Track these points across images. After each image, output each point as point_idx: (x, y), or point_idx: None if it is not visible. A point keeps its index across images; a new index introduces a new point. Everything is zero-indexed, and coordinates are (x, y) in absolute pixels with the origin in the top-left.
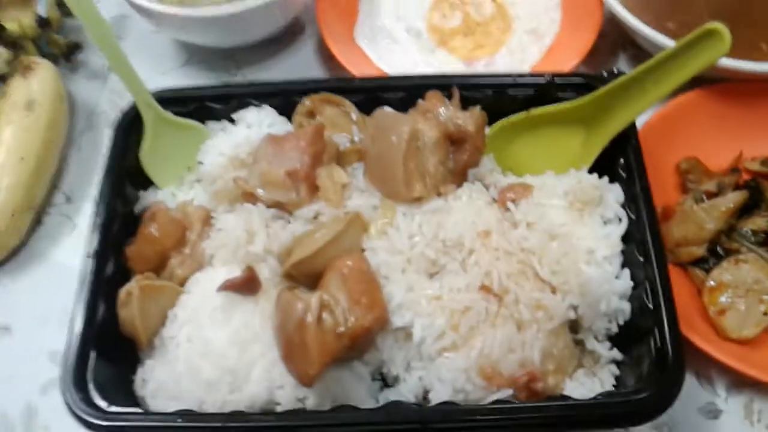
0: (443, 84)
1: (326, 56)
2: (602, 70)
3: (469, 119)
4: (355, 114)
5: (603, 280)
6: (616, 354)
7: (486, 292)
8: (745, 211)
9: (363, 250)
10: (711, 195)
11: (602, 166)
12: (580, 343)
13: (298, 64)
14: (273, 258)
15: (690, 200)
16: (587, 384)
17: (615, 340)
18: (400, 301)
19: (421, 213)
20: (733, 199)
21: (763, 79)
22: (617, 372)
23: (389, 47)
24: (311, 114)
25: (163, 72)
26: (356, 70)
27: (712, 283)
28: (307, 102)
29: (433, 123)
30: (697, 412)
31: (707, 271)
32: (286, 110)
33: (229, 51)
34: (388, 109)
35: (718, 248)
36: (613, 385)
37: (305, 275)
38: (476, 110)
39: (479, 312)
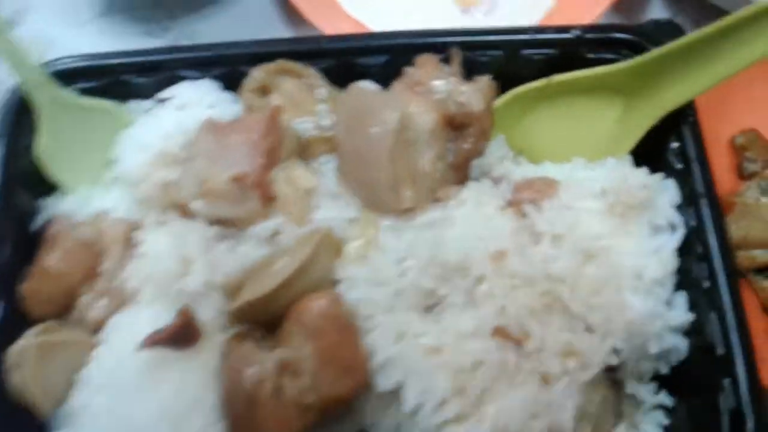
0: (439, 43)
1: (286, 4)
2: (650, 20)
3: (475, 94)
4: (322, 88)
5: (655, 313)
6: (665, 399)
7: (502, 337)
8: None
9: (336, 283)
10: None
11: (644, 152)
12: (617, 383)
13: (251, 13)
14: (217, 292)
15: (754, 189)
16: None
17: (663, 380)
18: (386, 356)
19: (413, 228)
20: None
21: None
22: (665, 421)
23: None
24: (264, 90)
25: (78, 24)
26: (324, 22)
27: None
28: (257, 74)
29: (428, 102)
30: None
31: None
32: (232, 83)
33: None
34: (366, 84)
35: None
36: None
37: (261, 317)
38: (484, 80)
39: (493, 367)
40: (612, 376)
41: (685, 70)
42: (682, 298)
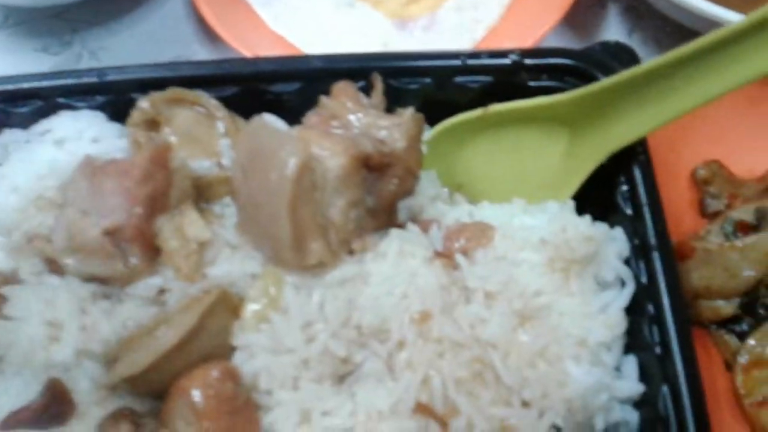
0: (359, 69)
1: (199, 16)
2: (597, 43)
3: (396, 130)
4: (224, 120)
5: (600, 385)
6: None
7: (424, 415)
8: None
9: (232, 351)
10: (746, 227)
11: (593, 193)
12: None
13: (165, 30)
14: (93, 361)
15: (717, 234)
16: None
17: None
18: None
19: (323, 286)
20: None
21: None
22: None
23: (291, 2)
24: (154, 123)
25: None
26: (239, 38)
27: (747, 357)
28: (144, 105)
29: (339, 142)
30: None
31: (740, 336)
32: (119, 114)
33: (58, 8)
34: (270, 118)
35: (758, 305)
36: None
37: (144, 390)
38: (408, 114)
39: None
40: None
41: (637, 103)
42: (632, 365)
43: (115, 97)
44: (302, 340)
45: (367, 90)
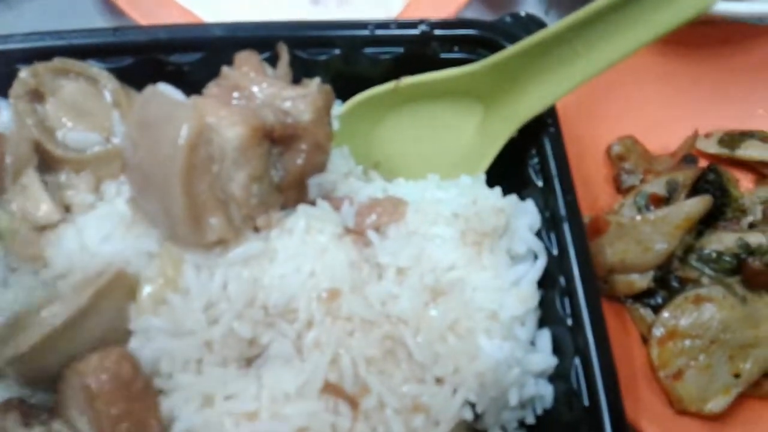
0: (264, 38)
1: None
2: (507, 14)
3: (302, 101)
4: (114, 92)
5: (512, 359)
6: None
7: (333, 396)
8: (705, 222)
9: (129, 335)
10: (659, 200)
11: (507, 165)
12: None
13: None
14: None
15: (630, 207)
16: None
17: (532, 428)
18: (188, 425)
19: (225, 264)
20: (691, 209)
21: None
22: None
23: None
24: (38, 96)
25: None
26: (144, 11)
27: (662, 330)
28: (25, 76)
29: (237, 112)
30: None
31: (654, 309)
32: (6, 86)
33: None
34: (165, 87)
35: (671, 277)
36: None
37: (36, 376)
38: (314, 85)
39: None
40: (474, 426)
41: (544, 71)
42: (546, 338)
43: None
44: (204, 322)
45: (273, 61)
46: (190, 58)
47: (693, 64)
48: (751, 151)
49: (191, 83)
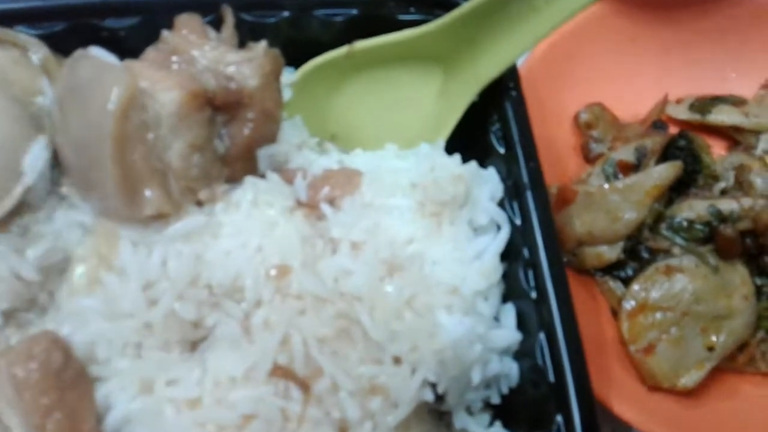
0: (208, 1)
1: None
2: None
3: (248, 66)
4: (43, 60)
5: (474, 336)
6: None
7: (283, 379)
8: (676, 190)
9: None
10: (628, 167)
11: (470, 133)
12: (444, 417)
13: None
14: None
15: (597, 175)
16: None
17: (499, 408)
18: (124, 413)
19: (165, 240)
20: (661, 175)
21: None
22: None
23: None
24: None
25: None
26: None
27: (632, 303)
28: None
29: (173, 76)
30: None
31: (625, 282)
32: None
33: None
34: (98, 51)
35: (641, 248)
36: None
37: None
38: (260, 48)
39: (269, 420)
40: (437, 407)
41: (502, 29)
42: (510, 314)
43: None
44: (143, 303)
45: (217, 24)
46: (126, 23)
47: (661, 28)
48: (722, 116)
49: (128, 50)
